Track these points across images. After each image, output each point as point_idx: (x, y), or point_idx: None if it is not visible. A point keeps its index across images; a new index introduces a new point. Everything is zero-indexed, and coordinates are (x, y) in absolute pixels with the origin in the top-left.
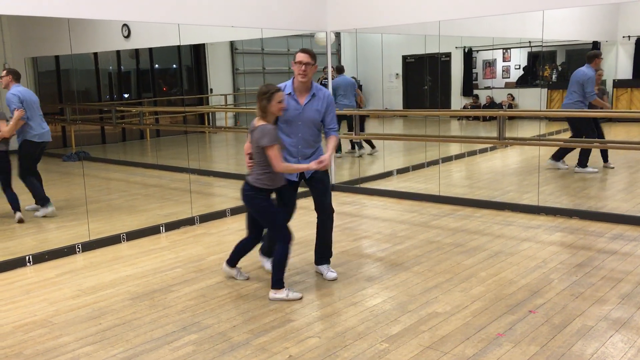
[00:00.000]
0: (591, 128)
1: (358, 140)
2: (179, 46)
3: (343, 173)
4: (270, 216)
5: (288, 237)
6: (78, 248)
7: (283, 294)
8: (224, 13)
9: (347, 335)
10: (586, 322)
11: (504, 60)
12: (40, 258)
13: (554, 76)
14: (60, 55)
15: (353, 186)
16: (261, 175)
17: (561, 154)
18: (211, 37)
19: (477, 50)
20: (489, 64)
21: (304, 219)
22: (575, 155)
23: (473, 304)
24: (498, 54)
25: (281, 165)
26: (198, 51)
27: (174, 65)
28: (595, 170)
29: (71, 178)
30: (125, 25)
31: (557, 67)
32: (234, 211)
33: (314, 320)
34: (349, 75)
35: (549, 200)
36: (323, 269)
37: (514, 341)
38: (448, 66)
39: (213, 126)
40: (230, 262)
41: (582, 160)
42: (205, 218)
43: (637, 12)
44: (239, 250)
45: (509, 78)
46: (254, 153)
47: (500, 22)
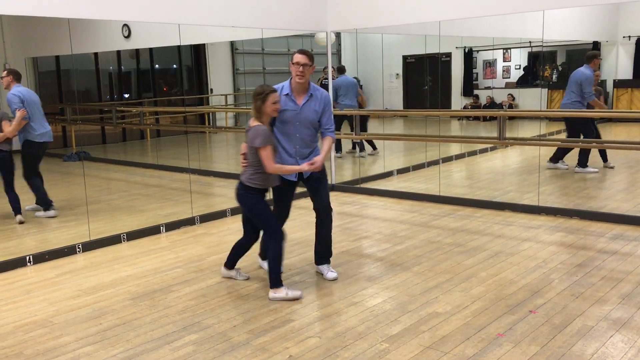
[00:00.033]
0: (589, 128)
1: (358, 140)
2: (179, 46)
3: (343, 173)
4: (263, 215)
5: (281, 236)
6: (78, 248)
7: (282, 292)
8: (224, 13)
9: (348, 335)
10: (586, 322)
11: (504, 60)
12: (40, 258)
13: (554, 76)
14: (60, 56)
15: (353, 186)
16: (254, 175)
17: (560, 155)
18: (211, 37)
19: (478, 50)
20: (489, 64)
21: (304, 219)
22: (575, 155)
23: (473, 304)
24: (498, 54)
25: (273, 166)
26: (198, 51)
27: (175, 66)
28: (596, 170)
29: (71, 178)
30: (125, 25)
31: (558, 67)
32: (235, 211)
33: (314, 320)
34: (349, 75)
35: (550, 200)
36: (323, 268)
37: (514, 341)
38: (448, 66)
39: (213, 126)
40: (229, 265)
41: (582, 160)
42: (206, 218)
43: (638, 12)
44: (236, 252)
45: (509, 78)
46: (248, 153)
47: (500, 22)
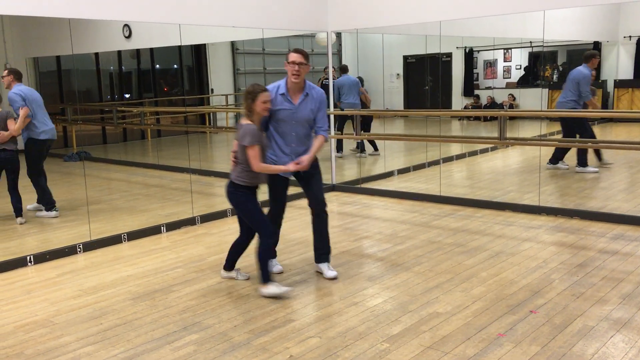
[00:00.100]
0: (584, 127)
1: (359, 140)
2: (180, 46)
3: (344, 173)
4: (252, 213)
5: (269, 232)
6: (79, 248)
7: (272, 288)
8: (224, 13)
9: (348, 335)
10: (587, 322)
11: (504, 61)
12: (41, 258)
13: (554, 76)
14: (61, 56)
15: (354, 186)
16: (242, 173)
17: (559, 155)
18: (212, 37)
19: (478, 51)
20: (490, 64)
21: (305, 219)
22: (575, 155)
23: (474, 304)
24: (499, 54)
25: (260, 166)
26: (199, 51)
27: (175, 66)
28: (596, 170)
29: (72, 178)
30: (126, 25)
31: (558, 67)
32: (235, 211)
33: (315, 320)
34: (351, 75)
35: (550, 200)
36: (323, 267)
37: (515, 341)
38: (449, 66)
39: (214, 126)
40: (228, 266)
41: (582, 160)
42: (206, 218)
43: (638, 12)
44: (234, 252)
45: (509, 78)
46: (238, 151)
47: (501, 22)
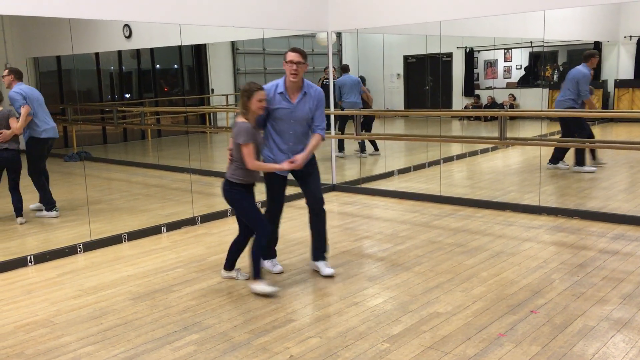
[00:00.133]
0: (582, 126)
1: (359, 140)
2: (180, 46)
3: (344, 173)
4: (247, 210)
5: (265, 230)
6: (79, 248)
7: (262, 285)
8: (225, 13)
9: (348, 335)
10: (587, 322)
11: (505, 61)
12: (41, 258)
13: (555, 76)
14: (61, 56)
15: (354, 186)
16: (236, 170)
17: (558, 155)
18: (212, 37)
19: (479, 51)
20: (491, 64)
21: (304, 219)
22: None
23: (474, 304)
24: (499, 54)
25: (254, 164)
26: (199, 51)
27: (175, 66)
28: (593, 169)
29: (72, 178)
30: (126, 25)
31: (559, 67)
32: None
33: (315, 320)
34: (352, 74)
35: (551, 200)
36: (320, 265)
37: (515, 341)
38: (449, 66)
39: (214, 126)
40: (228, 266)
41: (579, 159)
42: (207, 218)
43: (639, 12)
44: (233, 252)
45: (510, 78)
46: (233, 149)
47: (501, 22)
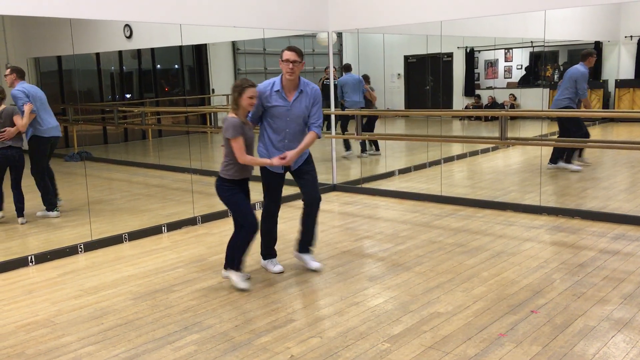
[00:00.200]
0: (579, 125)
1: (360, 140)
2: (180, 46)
3: (345, 173)
4: (236, 206)
5: (254, 227)
6: (80, 248)
7: (238, 278)
8: (225, 13)
9: (349, 335)
10: (588, 322)
11: (506, 60)
12: (42, 258)
13: (556, 76)
14: (62, 56)
15: (355, 186)
16: (227, 166)
17: (558, 155)
18: (213, 38)
19: (479, 50)
20: (491, 64)
21: None
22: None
23: (475, 304)
24: (500, 54)
25: (244, 158)
26: (200, 51)
27: (176, 66)
28: (580, 168)
29: (73, 178)
30: (127, 25)
31: (559, 67)
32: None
33: (316, 320)
34: (354, 74)
35: (551, 200)
36: (307, 258)
37: (516, 341)
38: (450, 66)
39: (215, 126)
40: (227, 266)
41: (568, 157)
42: (207, 218)
43: (639, 12)
44: (232, 251)
45: (510, 78)
46: (224, 144)
47: (502, 22)
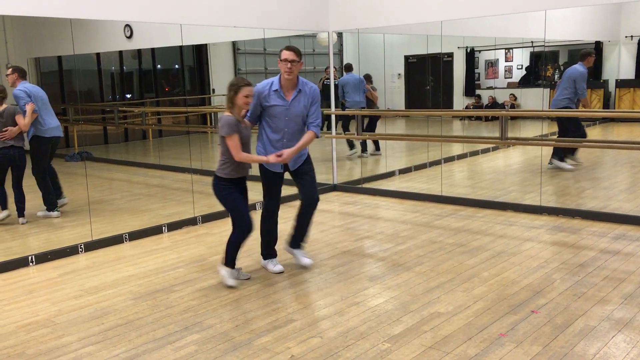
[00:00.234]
0: (578, 125)
1: (360, 140)
2: (181, 46)
3: (345, 173)
4: (231, 203)
5: (248, 227)
6: (81, 248)
7: (226, 275)
8: (225, 13)
9: (349, 335)
10: (588, 322)
11: (506, 60)
12: (43, 258)
13: (556, 76)
14: (62, 56)
15: (355, 186)
16: (223, 165)
17: (561, 153)
18: (213, 38)
19: (480, 50)
20: (492, 64)
21: None
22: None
23: (475, 304)
24: (500, 54)
25: (240, 155)
26: (200, 51)
27: (176, 66)
28: (571, 167)
29: (73, 178)
30: (127, 25)
31: (560, 67)
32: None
33: (316, 320)
34: (355, 74)
35: (552, 200)
36: (298, 253)
37: (516, 341)
38: (450, 66)
39: (215, 126)
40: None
41: (562, 155)
42: (208, 218)
43: None
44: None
45: (511, 78)
46: (220, 143)
47: (502, 22)
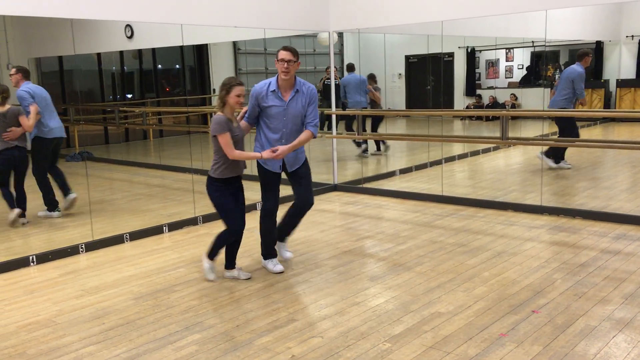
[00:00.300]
0: (574, 125)
1: (360, 140)
2: (181, 46)
3: (346, 173)
4: (222, 205)
5: (235, 230)
6: (81, 248)
7: (207, 265)
8: (226, 13)
9: (350, 335)
10: (589, 322)
11: (507, 60)
12: (43, 258)
13: (556, 76)
14: (63, 56)
15: (356, 186)
16: (215, 166)
17: (559, 154)
18: (214, 38)
19: (480, 50)
20: (492, 64)
21: (306, 219)
22: (575, 155)
23: (476, 304)
24: (501, 54)
25: (234, 153)
26: (201, 51)
27: (177, 66)
28: (569, 166)
29: (74, 178)
30: (128, 25)
31: (560, 67)
32: None
33: (317, 320)
34: (357, 74)
35: (552, 200)
36: (281, 245)
37: (517, 341)
38: (451, 66)
39: None
40: (228, 265)
41: (557, 155)
42: (209, 218)
43: None
44: (230, 251)
45: (512, 78)
46: (212, 143)
47: (503, 22)
